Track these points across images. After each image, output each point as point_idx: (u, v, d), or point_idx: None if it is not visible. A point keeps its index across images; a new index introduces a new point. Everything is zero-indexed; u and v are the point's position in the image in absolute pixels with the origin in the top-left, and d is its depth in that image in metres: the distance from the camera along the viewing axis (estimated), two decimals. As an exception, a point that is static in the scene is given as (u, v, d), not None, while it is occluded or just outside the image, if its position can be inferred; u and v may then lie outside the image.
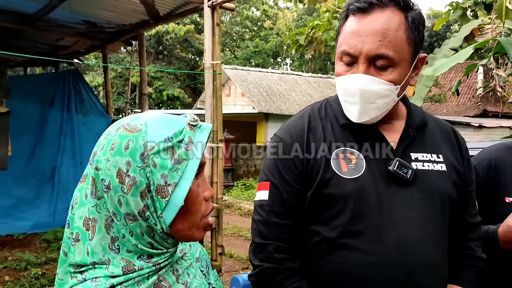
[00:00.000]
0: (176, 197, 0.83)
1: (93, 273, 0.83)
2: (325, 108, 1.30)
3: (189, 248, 1.04)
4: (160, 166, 0.81)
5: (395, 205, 1.16)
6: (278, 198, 1.21)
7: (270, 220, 1.21)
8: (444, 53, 7.15)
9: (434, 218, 1.20)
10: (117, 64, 20.98)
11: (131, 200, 0.80)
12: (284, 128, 1.30)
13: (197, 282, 0.97)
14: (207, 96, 4.76)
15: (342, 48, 1.17)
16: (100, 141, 0.85)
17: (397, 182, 1.18)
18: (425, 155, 1.25)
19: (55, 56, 7.45)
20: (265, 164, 1.29)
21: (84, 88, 7.08)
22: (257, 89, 17.62)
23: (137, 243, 0.83)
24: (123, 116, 19.38)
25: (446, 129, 1.35)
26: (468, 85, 18.96)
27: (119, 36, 6.59)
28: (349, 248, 1.15)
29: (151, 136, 0.82)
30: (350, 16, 1.17)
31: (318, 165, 1.19)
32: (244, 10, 30.14)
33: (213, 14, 4.65)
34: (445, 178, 1.24)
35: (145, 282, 0.84)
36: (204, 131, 0.89)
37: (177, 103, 22.30)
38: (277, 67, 31.69)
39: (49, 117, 6.72)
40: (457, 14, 8.82)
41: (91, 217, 0.83)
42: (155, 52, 24.17)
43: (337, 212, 1.16)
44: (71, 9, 5.07)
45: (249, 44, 28.46)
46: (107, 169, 0.81)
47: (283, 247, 1.20)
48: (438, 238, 1.20)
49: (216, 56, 4.70)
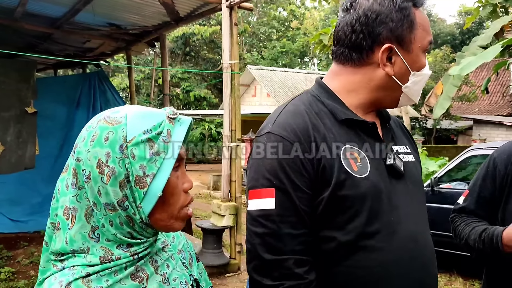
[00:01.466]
0: (154, 187, 0.85)
1: (72, 261, 0.85)
2: (314, 103, 1.21)
3: (172, 240, 1.05)
4: (138, 158, 0.83)
5: (399, 199, 1.16)
6: (289, 206, 1.08)
7: (282, 232, 1.07)
8: (472, 51, 6.95)
9: (423, 206, 1.25)
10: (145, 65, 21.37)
11: (110, 190, 0.83)
12: (281, 126, 1.15)
13: (177, 273, 0.98)
14: (225, 96, 4.80)
15: (428, 38, 1.21)
16: (81, 133, 0.88)
17: (395, 176, 1.18)
18: (401, 147, 1.27)
19: (82, 58, 7.66)
20: (261, 165, 1.13)
21: (109, 89, 7.25)
22: (282, 89, 17.60)
23: (116, 233, 0.85)
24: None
25: (398, 122, 1.39)
26: (501, 83, 18.39)
27: (143, 38, 6.72)
28: (369, 250, 1.10)
29: (130, 128, 0.84)
30: (416, 8, 1.19)
31: (331, 166, 1.10)
32: (271, 11, 30.16)
33: (231, 14, 4.68)
34: (417, 167, 1.30)
35: (122, 272, 0.86)
36: (183, 125, 0.90)
37: (204, 104, 22.52)
38: (304, 67, 31.57)
39: (76, 117, 6.91)
40: (487, 10, 8.58)
41: (71, 207, 0.86)
42: (182, 53, 24.47)
43: (354, 214, 1.10)
44: (94, 12, 5.20)
45: (276, 44, 28.46)
46: (87, 159, 0.84)
47: (302, 260, 1.08)
48: (428, 226, 1.25)
49: (235, 56, 4.73)
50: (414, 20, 1.16)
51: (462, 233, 1.62)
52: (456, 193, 5.49)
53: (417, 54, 1.18)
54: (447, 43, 27.71)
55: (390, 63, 1.17)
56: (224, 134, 4.92)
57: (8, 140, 5.63)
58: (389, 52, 1.16)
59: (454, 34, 30.22)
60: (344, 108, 1.20)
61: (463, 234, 1.61)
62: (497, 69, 8.15)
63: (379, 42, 1.16)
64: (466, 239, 1.59)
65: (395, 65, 1.17)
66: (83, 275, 0.83)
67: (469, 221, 1.63)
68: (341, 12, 1.23)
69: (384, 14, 1.15)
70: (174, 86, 22.27)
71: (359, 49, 1.18)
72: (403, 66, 1.17)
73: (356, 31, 1.17)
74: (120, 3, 5.20)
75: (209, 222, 5.23)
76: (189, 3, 5.08)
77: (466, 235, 1.59)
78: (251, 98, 18.51)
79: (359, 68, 1.20)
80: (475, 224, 1.60)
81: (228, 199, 4.99)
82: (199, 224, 5.27)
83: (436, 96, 7.82)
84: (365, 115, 1.22)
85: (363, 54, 1.18)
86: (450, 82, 6.69)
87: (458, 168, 6.26)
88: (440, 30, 31.05)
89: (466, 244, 1.60)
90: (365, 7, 1.16)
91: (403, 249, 1.12)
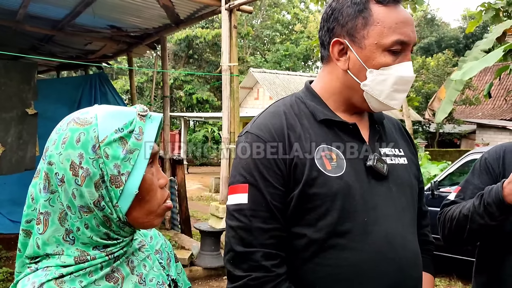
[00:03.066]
0: (130, 185, 0.84)
1: (46, 262, 0.85)
2: (296, 104, 1.24)
3: (150, 240, 1.04)
4: (112, 157, 0.83)
5: (377, 201, 1.15)
6: (261, 201, 1.12)
7: (253, 226, 1.12)
8: (475, 55, 6.94)
9: (408, 210, 1.22)
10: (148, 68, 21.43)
11: (85, 191, 0.82)
12: (258, 126, 1.20)
13: (154, 274, 0.97)
14: (224, 98, 4.81)
15: (394, 37, 1.12)
16: (51, 136, 0.87)
17: (376, 177, 1.17)
18: (391, 149, 1.26)
19: (84, 60, 7.70)
20: (238, 164, 1.18)
21: (110, 91, 7.27)
22: (285, 92, 17.60)
23: (92, 235, 0.85)
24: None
25: (397, 125, 1.38)
26: (504, 88, 18.33)
27: (143, 40, 6.75)
28: (340, 248, 1.11)
29: (101, 128, 0.84)
30: (379, 6, 1.15)
31: (303, 164, 1.13)
32: (275, 14, 30.20)
33: (230, 16, 4.70)
34: (408, 171, 1.27)
35: (97, 272, 0.85)
36: (154, 121, 0.90)
37: (207, 106, 22.54)
38: (308, 70, 31.57)
39: (77, 119, 6.93)
40: (489, 15, 8.57)
41: (43, 211, 0.85)
42: (185, 56, 24.53)
43: (324, 212, 1.12)
44: (94, 14, 5.23)
45: (279, 47, 28.48)
46: (60, 162, 0.82)
47: (271, 254, 1.11)
48: (413, 229, 1.23)
49: (233, 58, 4.74)
50: (369, 16, 1.14)
51: (454, 212, 1.55)
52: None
53: (373, 51, 1.14)
54: (451, 47, 27.67)
55: (344, 58, 1.18)
56: (223, 136, 4.93)
57: (9, 141, 5.66)
58: (341, 47, 1.18)
59: (458, 38, 30.15)
60: (325, 109, 1.22)
61: (455, 212, 1.55)
62: (499, 73, 8.14)
63: (334, 37, 1.19)
64: (460, 212, 1.52)
65: (350, 61, 1.17)
66: (56, 276, 0.82)
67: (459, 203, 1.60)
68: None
69: (337, 10, 1.18)
70: (177, 88, 22.30)
71: (323, 46, 1.23)
72: (357, 62, 1.16)
73: (321, 28, 1.24)
74: (121, 5, 5.23)
75: (208, 224, 5.23)
76: (189, 5, 5.10)
77: (459, 209, 1.54)
78: (253, 101, 18.53)
79: (328, 66, 1.24)
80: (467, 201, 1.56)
81: (226, 201, 4.99)
82: (198, 226, 5.27)
83: (439, 100, 7.81)
84: (348, 117, 1.23)
85: (326, 51, 1.22)
86: (452, 87, 6.67)
87: (459, 172, 6.23)
88: (444, 34, 31.00)
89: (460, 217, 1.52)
90: (328, 4, 1.22)
91: (377, 250, 1.12)
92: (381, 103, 1.18)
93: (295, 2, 32.07)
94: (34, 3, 5.13)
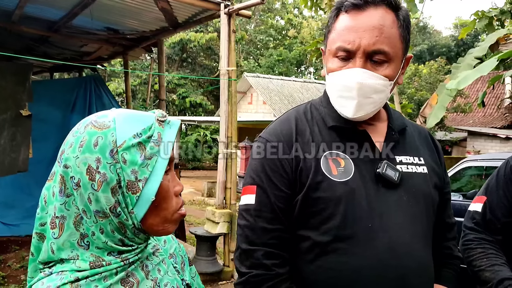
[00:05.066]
0: (147, 192, 0.83)
1: (60, 267, 0.84)
2: (310, 111, 1.28)
3: (163, 244, 1.04)
4: (130, 162, 0.81)
5: (385, 208, 1.15)
6: (266, 202, 1.17)
7: (257, 225, 1.17)
8: (468, 62, 7.01)
9: (420, 220, 1.21)
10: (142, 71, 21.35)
11: (102, 196, 0.80)
12: (269, 131, 1.27)
13: (169, 278, 0.96)
14: (222, 102, 4.80)
15: (337, 44, 1.16)
16: (68, 139, 0.85)
17: (386, 185, 1.17)
18: (408, 157, 1.25)
19: (79, 62, 7.65)
20: (250, 167, 1.24)
21: (105, 93, 7.22)
22: (278, 97, 17.63)
23: (107, 240, 0.83)
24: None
25: (424, 133, 1.38)
26: (495, 96, 18.52)
27: (140, 43, 6.72)
28: (341, 253, 1.12)
29: (120, 132, 0.82)
30: (342, 13, 1.18)
31: (308, 168, 1.16)
32: (268, 19, 30.28)
33: (229, 21, 4.69)
34: (427, 180, 1.25)
35: (112, 277, 0.84)
36: (173, 127, 0.89)
37: (200, 110, 22.50)
38: (301, 75, 31.65)
39: (71, 121, 6.86)
40: (483, 23, 8.67)
41: (59, 215, 0.84)
42: (179, 59, 24.49)
43: (328, 216, 1.14)
44: (92, 16, 5.19)
45: (273, 52, 28.53)
46: (76, 166, 0.81)
47: (272, 253, 1.15)
48: (425, 240, 1.21)
49: (232, 63, 4.73)
50: (332, 24, 1.21)
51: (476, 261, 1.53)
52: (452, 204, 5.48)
53: (327, 56, 1.22)
54: (442, 54, 27.91)
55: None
56: (220, 140, 4.91)
57: (2, 143, 5.59)
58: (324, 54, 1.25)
59: (450, 46, 30.45)
60: (337, 115, 1.23)
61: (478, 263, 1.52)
62: (493, 82, 8.21)
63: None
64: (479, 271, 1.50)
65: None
66: (72, 280, 0.81)
67: (488, 251, 1.54)
68: None
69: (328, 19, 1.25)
70: (170, 92, 22.24)
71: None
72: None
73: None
74: (119, 8, 5.20)
75: (203, 229, 5.20)
76: (188, 9, 5.09)
77: (482, 267, 1.51)
78: (247, 106, 18.52)
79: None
80: (495, 260, 1.51)
81: (222, 206, 4.97)
82: (193, 231, 5.23)
83: (431, 107, 7.86)
84: (364, 123, 1.23)
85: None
86: (444, 93, 6.72)
87: (453, 179, 6.27)
88: (436, 42, 31.29)
89: (477, 274, 1.51)
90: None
91: (379, 256, 1.12)
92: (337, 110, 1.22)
93: (288, 7, 32.20)
94: (31, 3, 5.08)
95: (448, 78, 7.08)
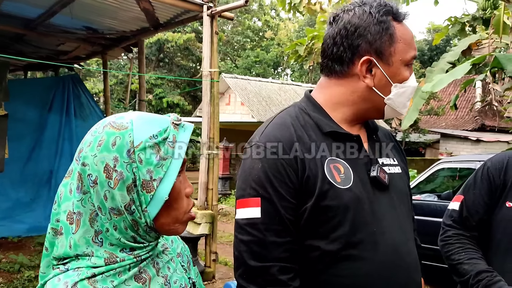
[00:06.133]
0: (161, 192, 0.87)
1: (76, 263, 0.86)
2: (301, 115, 1.24)
3: (171, 244, 1.07)
4: (146, 162, 0.85)
5: (383, 210, 1.18)
6: (274, 215, 1.11)
7: (267, 240, 1.10)
8: (442, 67, 7.20)
9: (408, 217, 1.28)
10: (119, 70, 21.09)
11: (117, 194, 0.84)
12: (267, 138, 1.19)
13: (177, 276, 1.00)
14: (205, 104, 4.81)
15: (411, 53, 1.22)
16: (86, 138, 0.89)
17: (378, 188, 1.20)
18: (387, 159, 1.30)
19: (55, 61, 7.51)
20: (248, 175, 1.16)
21: (84, 93, 7.13)
22: (256, 98, 17.68)
23: (120, 237, 0.87)
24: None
25: (388, 134, 1.42)
26: (466, 99, 19.06)
27: (120, 43, 6.65)
28: (353, 259, 1.13)
29: (137, 133, 0.86)
30: (397, 23, 1.22)
31: (315, 176, 1.13)
32: (246, 20, 30.33)
33: (212, 22, 4.71)
34: (403, 179, 1.32)
35: (126, 273, 0.88)
36: (187, 130, 0.92)
37: (177, 110, 22.33)
38: (278, 77, 31.79)
39: (48, 121, 6.76)
40: (456, 29, 8.90)
41: (76, 211, 0.87)
42: (156, 59, 24.29)
43: (336, 224, 1.13)
44: (71, 15, 5.13)
45: (250, 53, 28.60)
46: (94, 164, 0.84)
47: (286, 267, 1.11)
48: (412, 235, 1.28)
49: (214, 64, 4.75)
50: (394, 34, 1.19)
51: (454, 255, 1.64)
52: (426, 204, 5.65)
53: (398, 67, 1.20)
54: (416, 58, 28.48)
55: (370, 75, 1.20)
56: (202, 142, 4.93)
57: (-23, 143, 5.46)
58: (368, 64, 1.19)
59: (423, 50, 31.11)
60: (329, 120, 1.23)
61: (456, 257, 1.63)
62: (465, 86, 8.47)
63: (359, 55, 1.19)
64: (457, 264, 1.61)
65: (376, 77, 1.20)
66: (89, 276, 0.84)
67: (466, 246, 1.65)
68: (327, 26, 1.27)
69: (362, 27, 1.19)
70: (147, 92, 22.00)
71: (340, 61, 1.22)
72: (383, 78, 1.20)
73: (337, 43, 1.22)
74: (99, 7, 5.15)
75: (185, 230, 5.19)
76: (170, 10, 5.08)
77: (460, 261, 1.61)
78: (225, 107, 18.50)
79: (342, 80, 1.24)
80: (472, 254, 1.62)
81: (204, 207, 4.98)
82: (174, 232, 5.22)
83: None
84: (350, 128, 1.26)
85: (344, 66, 1.22)
86: (419, 95, 6.90)
87: (428, 181, 6.44)
88: (409, 46, 31.84)
89: (455, 267, 1.62)
90: (345, 20, 1.21)
91: (386, 259, 1.15)
92: (396, 112, 1.25)
93: (266, 9, 32.32)
94: (9, 1, 4.98)
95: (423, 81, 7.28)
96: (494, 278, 1.50)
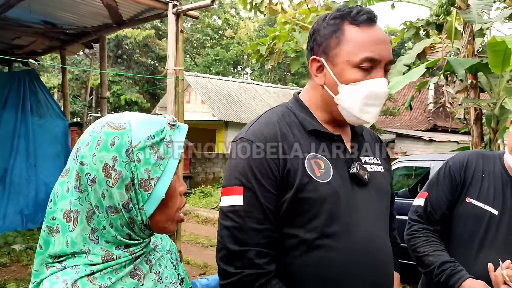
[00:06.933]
0: (158, 190, 0.90)
1: (73, 261, 0.88)
2: (288, 114, 1.34)
3: (160, 241, 1.10)
4: (144, 162, 0.88)
5: (359, 205, 1.27)
6: (255, 204, 1.20)
7: (247, 226, 1.19)
8: (398, 69, 7.50)
9: (384, 215, 1.36)
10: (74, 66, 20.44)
11: (116, 192, 0.86)
12: (253, 133, 1.28)
13: (168, 272, 1.03)
14: (169, 102, 4.78)
15: (363, 55, 1.22)
16: (84, 138, 0.90)
17: (358, 184, 1.29)
18: (370, 158, 1.39)
19: (9, 55, 7.22)
20: (234, 167, 1.25)
21: (41, 89, 6.88)
22: (217, 96, 17.68)
23: (116, 234, 0.89)
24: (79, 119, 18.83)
25: (374, 135, 1.51)
26: (420, 101, 19.80)
27: (80, 38, 6.49)
28: (326, 249, 1.21)
29: (135, 133, 0.89)
30: (351, 26, 1.25)
31: (295, 169, 1.22)
32: (205, 18, 30.18)
33: (177, 21, 4.69)
34: (384, 178, 1.40)
35: (122, 270, 0.90)
36: (182, 131, 0.96)
37: (135, 108, 21.95)
38: (237, 76, 31.87)
39: (2, 118, 6.47)
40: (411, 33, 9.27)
41: (74, 209, 0.88)
42: (114, 55, 23.75)
43: (314, 215, 1.21)
44: (30, 8, 4.96)
45: (209, 52, 28.50)
46: (92, 163, 0.86)
47: (263, 252, 1.20)
48: (387, 231, 1.36)
49: (180, 63, 4.74)
50: (342, 36, 1.25)
51: (420, 248, 1.74)
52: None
53: (343, 68, 1.24)
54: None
55: (321, 74, 1.29)
56: (167, 140, 4.89)
57: None
58: (318, 64, 1.29)
59: (379, 52, 32.05)
60: (313, 120, 1.33)
61: (421, 249, 1.73)
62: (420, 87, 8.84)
63: (313, 55, 1.31)
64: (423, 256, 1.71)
65: (326, 77, 1.28)
66: (88, 273, 0.86)
67: (430, 239, 1.75)
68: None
69: (316, 30, 1.30)
70: (104, 88, 21.51)
71: (308, 62, 1.34)
72: (331, 78, 1.27)
73: (307, 47, 1.36)
74: (59, 1, 5.01)
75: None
76: (134, 7, 5.01)
77: (425, 253, 1.71)
78: (185, 105, 18.35)
79: (312, 81, 1.35)
80: (436, 246, 1.72)
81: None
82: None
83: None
84: (334, 128, 1.34)
85: (308, 67, 1.34)
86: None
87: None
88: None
89: (421, 259, 1.72)
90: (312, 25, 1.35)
91: (360, 249, 1.23)
92: (355, 117, 1.28)
93: (226, 7, 32.29)
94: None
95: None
96: (456, 267, 1.62)
